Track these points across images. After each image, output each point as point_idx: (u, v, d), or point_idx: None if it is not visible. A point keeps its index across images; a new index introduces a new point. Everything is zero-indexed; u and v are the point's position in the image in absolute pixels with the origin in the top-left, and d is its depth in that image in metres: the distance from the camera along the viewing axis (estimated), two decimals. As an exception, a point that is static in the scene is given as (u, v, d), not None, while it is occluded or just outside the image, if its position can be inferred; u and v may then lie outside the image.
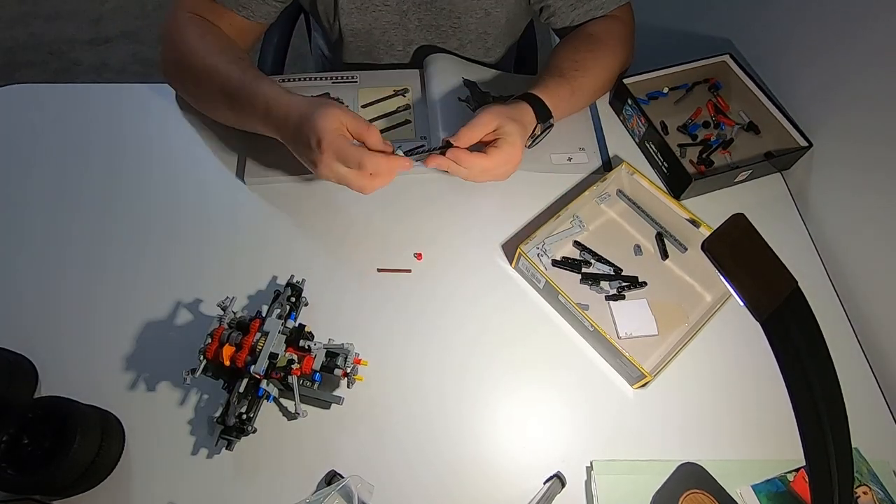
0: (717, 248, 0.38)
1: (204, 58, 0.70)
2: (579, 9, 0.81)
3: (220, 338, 0.54)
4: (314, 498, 0.52)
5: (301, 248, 0.71)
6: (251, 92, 0.66)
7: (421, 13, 0.84)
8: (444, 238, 0.72)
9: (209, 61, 0.69)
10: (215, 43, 0.71)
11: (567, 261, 0.71)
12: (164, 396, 0.60)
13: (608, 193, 0.77)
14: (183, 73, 0.73)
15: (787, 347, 0.38)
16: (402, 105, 0.83)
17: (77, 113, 0.80)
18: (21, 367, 0.59)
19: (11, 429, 0.51)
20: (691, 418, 0.62)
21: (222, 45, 0.72)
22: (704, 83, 0.88)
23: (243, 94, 0.67)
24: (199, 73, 0.70)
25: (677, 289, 0.70)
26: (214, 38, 0.72)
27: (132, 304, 0.65)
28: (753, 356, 0.65)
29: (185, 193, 0.74)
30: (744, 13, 0.93)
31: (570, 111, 0.78)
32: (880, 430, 0.63)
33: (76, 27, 2.11)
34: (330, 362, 0.56)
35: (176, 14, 0.73)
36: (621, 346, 0.60)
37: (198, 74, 0.70)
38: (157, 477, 0.56)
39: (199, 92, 0.74)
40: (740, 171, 0.76)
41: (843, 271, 0.73)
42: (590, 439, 0.60)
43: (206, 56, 0.70)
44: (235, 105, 0.69)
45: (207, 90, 0.71)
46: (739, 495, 0.57)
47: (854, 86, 0.73)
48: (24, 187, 0.73)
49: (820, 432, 0.37)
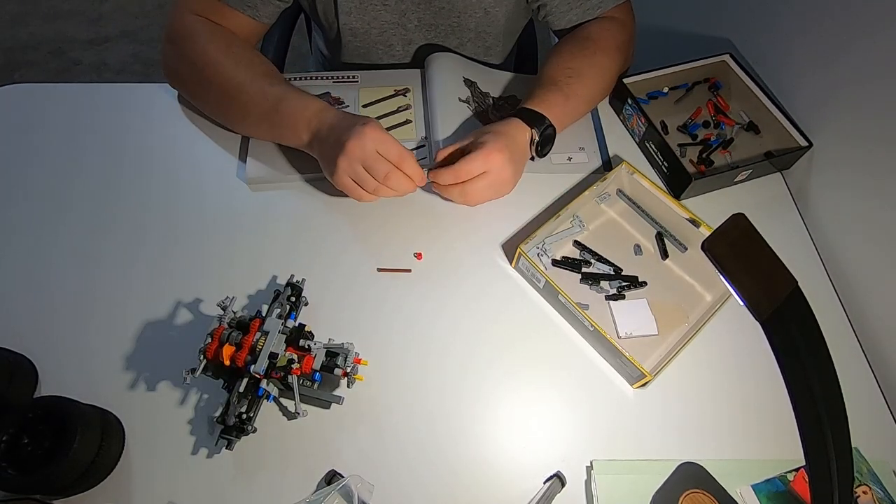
0: (717, 248, 0.38)
1: (234, 72, 0.70)
2: (576, 9, 0.81)
3: (220, 337, 0.54)
4: (314, 498, 0.52)
5: (301, 248, 0.71)
6: (290, 106, 0.68)
7: (420, 12, 0.84)
8: (445, 238, 0.72)
9: (241, 76, 0.70)
10: (243, 54, 0.72)
11: (567, 260, 0.71)
12: (164, 396, 0.60)
13: (608, 193, 0.77)
14: (199, 82, 0.73)
15: (787, 347, 0.38)
16: (403, 105, 0.83)
17: (77, 113, 0.80)
18: (21, 367, 0.59)
19: (11, 429, 0.51)
20: (691, 418, 0.62)
21: (251, 57, 0.72)
22: (704, 83, 0.88)
23: (282, 110, 0.69)
24: (226, 84, 0.70)
25: (677, 289, 0.70)
26: (240, 48, 0.73)
27: (132, 304, 0.65)
28: (753, 356, 0.65)
29: (186, 193, 0.74)
30: (744, 13, 0.93)
31: (570, 116, 0.77)
32: (880, 430, 0.63)
33: (76, 27, 2.11)
34: (330, 362, 0.56)
35: (183, 17, 0.73)
36: (621, 346, 0.60)
37: (224, 85, 0.70)
38: (157, 477, 0.56)
39: (221, 102, 0.73)
40: (740, 171, 0.76)
41: (843, 271, 0.73)
42: (590, 439, 0.60)
43: (237, 70, 0.70)
44: (270, 119, 0.70)
45: (234, 102, 0.71)
46: (739, 495, 0.57)
47: (854, 86, 0.73)
48: (23, 187, 0.73)
49: (820, 432, 0.37)
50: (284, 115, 0.69)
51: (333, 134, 0.65)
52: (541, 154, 0.75)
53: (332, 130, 0.66)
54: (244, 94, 0.70)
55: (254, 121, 0.72)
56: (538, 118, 0.71)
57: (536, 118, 0.71)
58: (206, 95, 0.75)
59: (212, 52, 0.71)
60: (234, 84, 0.70)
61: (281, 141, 0.74)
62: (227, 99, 0.71)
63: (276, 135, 0.72)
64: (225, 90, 0.71)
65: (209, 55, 0.71)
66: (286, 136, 0.71)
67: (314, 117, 0.68)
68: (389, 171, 0.64)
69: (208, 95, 0.74)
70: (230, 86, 0.70)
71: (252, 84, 0.70)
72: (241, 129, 0.76)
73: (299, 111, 0.68)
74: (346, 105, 0.82)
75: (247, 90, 0.70)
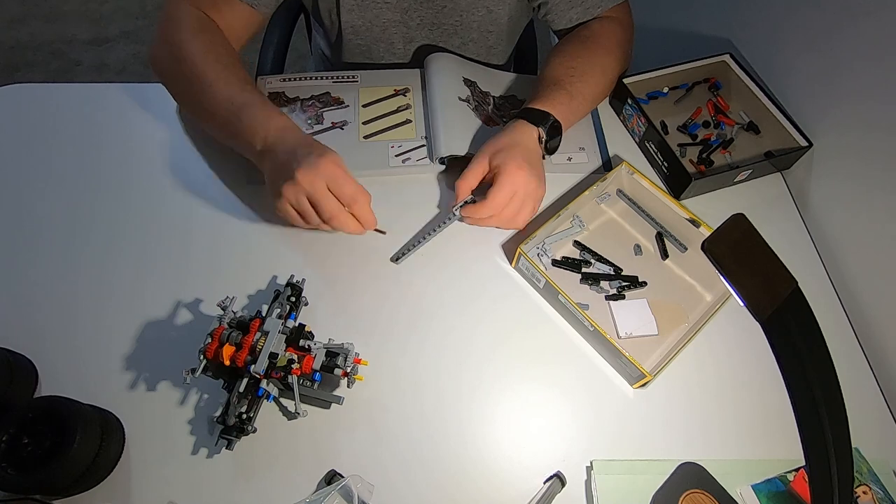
0: (717, 248, 0.38)
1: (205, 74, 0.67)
2: (577, 7, 0.81)
3: (220, 337, 0.54)
4: (314, 498, 0.52)
5: (301, 248, 0.71)
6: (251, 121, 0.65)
7: (423, 11, 0.83)
8: (445, 237, 0.72)
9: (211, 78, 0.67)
10: (221, 56, 0.69)
11: (567, 260, 0.71)
12: (164, 396, 0.60)
13: (608, 193, 0.77)
14: (175, 74, 0.71)
15: (787, 347, 0.38)
16: (403, 105, 0.83)
17: (77, 113, 0.80)
18: (21, 367, 0.59)
19: (11, 429, 0.51)
20: (691, 418, 0.62)
21: (228, 62, 0.69)
22: (704, 83, 0.88)
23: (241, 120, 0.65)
24: (195, 84, 0.68)
25: (677, 289, 0.70)
26: (222, 50, 0.70)
27: (132, 303, 0.65)
28: (753, 356, 0.65)
29: (186, 193, 0.74)
30: (744, 13, 0.93)
31: (574, 115, 0.77)
32: (880, 430, 0.63)
33: (76, 27, 2.11)
34: (330, 362, 0.56)
35: (179, 6, 0.71)
36: (621, 346, 0.60)
37: (195, 84, 0.68)
38: (157, 477, 0.56)
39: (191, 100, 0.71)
40: (740, 171, 0.76)
41: (843, 271, 0.73)
42: (590, 439, 0.60)
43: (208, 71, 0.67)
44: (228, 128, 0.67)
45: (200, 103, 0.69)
46: (739, 495, 0.57)
47: (854, 85, 0.73)
48: (23, 187, 0.73)
49: (820, 432, 0.37)
50: (244, 123, 0.65)
51: (287, 157, 0.62)
52: (549, 151, 0.75)
53: (287, 153, 0.62)
54: (211, 95, 0.67)
55: (216, 123, 0.69)
56: (543, 116, 0.72)
57: (541, 116, 0.72)
58: (180, 88, 0.73)
59: (193, 46, 0.69)
60: (205, 83, 0.67)
61: (235, 148, 0.69)
62: (196, 96, 0.69)
63: (232, 141, 0.69)
64: (196, 87, 0.68)
65: (189, 49, 0.69)
66: (241, 144, 0.67)
67: (274, 132, 0.64)
68: (335, 213, 0.61)
69: (181, 89, 0.72)
70: (201, 83, 0.67)
71: (222, 87, 0.67)
72: (207, 129, 0.73)
73: (260, 122, 0.65)
74: (346, 105, 0.82)
75: (215, 92, 0.67)
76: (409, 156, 0.77)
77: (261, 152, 0.65)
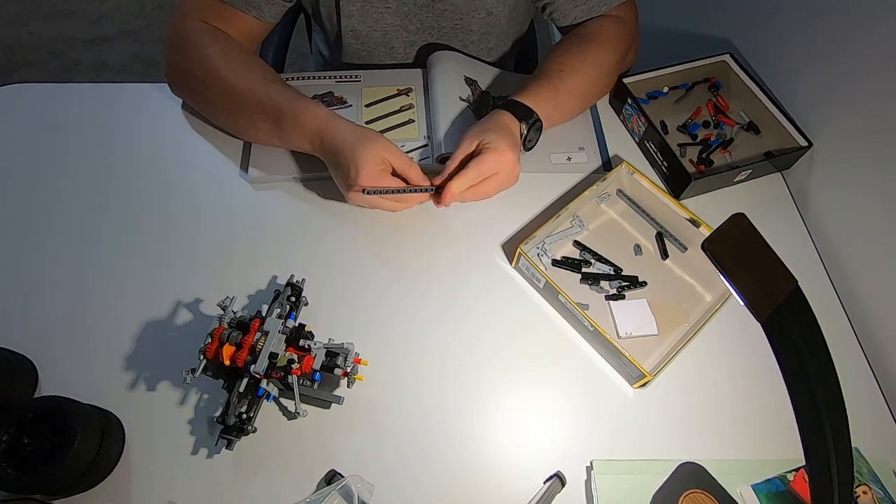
0: (717, 248, 0.38)
1: (234, 79, 0.69)
2: (581, 6, 0.81)
3: (220, 337, 0.54)
4: (314, 498, 0.52)
5: (301, 248, 0.71)
6: (295, 115, 0.68)
7: (423, 15, 0.83)
8: (445, 237, 0.72)
9: (241, 84, 0.69)
10: (241, 60, 0.71)
11: (567, 260, 0.71)
12: (164, 396, 0.60)
13: (608, 193, 0.77)
14: (201, 90, 0.73)
15: (787, 347, 0.38)
16: (406, 104, 0.83)
17: (77, 112, 0.80)
18: (21, 367, 0.59)
19: (11, 429, 0.51)
20: (691, 418, 0.62)
21: (250, 62, 0.72)
22: (704, 83, 0.88)
23: (287, 118, 0.68)
24: (228, 93, 0.70)
25: (677, 289, 0.70)
26: (238, 54, 0.72)
27: (132, 303, 0.65)
28: (753, 356, 0.65)
29: (186, 193, 0.74)
30: (744, 13, 0.93)
31: (561, 111, 0.77)
32: (880, 430, 0.63)
33: (76, 27, 2.11)
34: (330, 362, 0.56)
35: (183, 22, 0.72)
36: (621, 346, 0.60)
37: (226, 94, 0.70)
38: (157, 477, 0.56)
39: (225, 110, 0.73)
40: (740, 171, 0.76)
41: (843, 271, 0.73)
42: (590, 439, 0.60)
43: (237, 77, 0.69)
44: (276, 127, 0.70)
45: (238, 110, 0.71)
46: (739, 495, 0.57)
47: (854, 85, 0.73)
48: (22, 187, 0.73)
49: (820, 432, 0.37)
50: (289, 124, 0.69)
51: (335, 169, 0.67)
52: (527, 148, 0.75)
53: (333, 164, 0.68)
54: (246, 103, 0.69)
55: (259, 130, 0.72)
56: (527, 112, 0.71)
57: (526, 112, 0.71)
58: (210, 104, 0.75)
59: (212, 59, 0.70)
60: (236, 92, 0.69)
61: (289, 148, 0.75)
62: (230, 107, 0.71)
63: (284, 144, 0.73)
64: (227, 99, 0.70)
65: (209, 63, 0.70)
66: (294, 144, 0.72)
67: (318, 133, 0.68)
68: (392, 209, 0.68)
69: (212, 104, 0.74)
70: (233, 94, 0.69)
71: (253, 92, 0.69)
72: (248, 137, 0.76)
73: (303, 122, 0.68)
74: (349, 105, 0.81)
75: (248, 98, 0.69)
76: (411, 155, 0.77)
77: (314, 153, 0.70)
